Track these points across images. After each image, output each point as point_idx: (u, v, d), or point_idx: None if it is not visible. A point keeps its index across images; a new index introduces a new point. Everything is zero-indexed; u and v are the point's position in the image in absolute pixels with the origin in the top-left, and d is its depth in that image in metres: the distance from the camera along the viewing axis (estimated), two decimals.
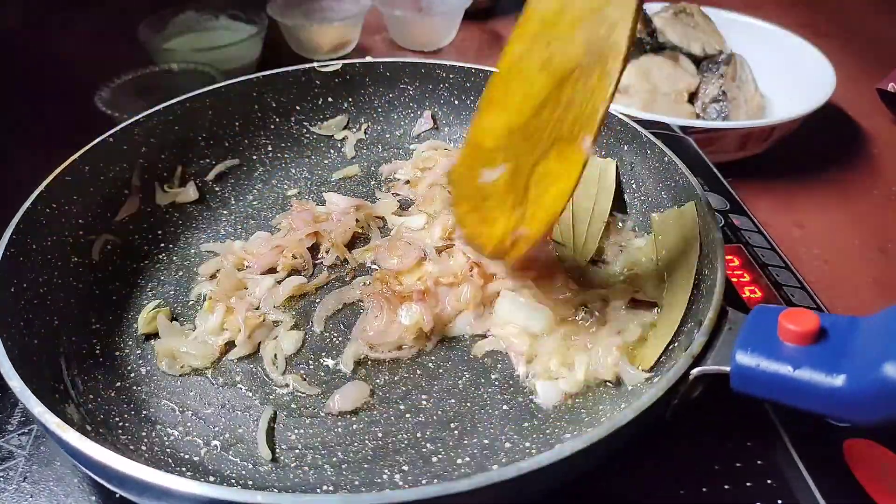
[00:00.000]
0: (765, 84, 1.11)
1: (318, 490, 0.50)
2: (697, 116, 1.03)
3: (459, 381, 0.59)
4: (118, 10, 1.14)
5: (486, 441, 0.54)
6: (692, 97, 1.06)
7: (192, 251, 0.72)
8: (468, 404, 0.57)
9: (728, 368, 0.46)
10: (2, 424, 0.57)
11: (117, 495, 0.50)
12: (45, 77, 1.06)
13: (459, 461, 0.53)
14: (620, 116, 0.75)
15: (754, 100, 1.06)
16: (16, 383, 0.46)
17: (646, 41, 1.10)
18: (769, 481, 0.52)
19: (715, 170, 0.86)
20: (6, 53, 1.03)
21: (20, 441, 0.55)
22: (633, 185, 0.74)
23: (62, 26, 1.10)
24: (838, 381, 0.41)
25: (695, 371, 0.47)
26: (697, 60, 1.11)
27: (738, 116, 1.01)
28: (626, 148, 0.74)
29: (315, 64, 0.85)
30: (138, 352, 0.61)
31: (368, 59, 0.87)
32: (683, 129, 0.92)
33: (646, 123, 0.77)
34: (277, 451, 0.53)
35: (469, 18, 1.35)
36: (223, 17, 1.22)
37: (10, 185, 0.67)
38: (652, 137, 0.71)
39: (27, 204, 0.61)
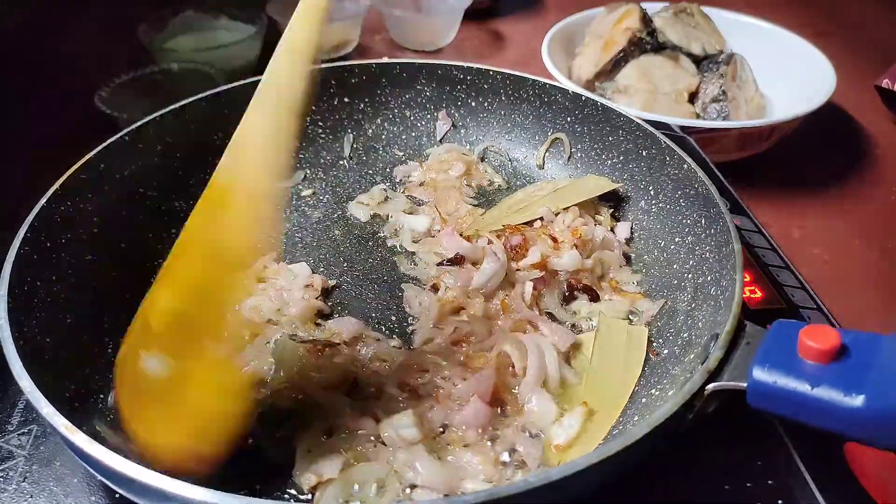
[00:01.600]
0: (765, 84, 1.11)
1: None
2: (697, 116, 1.03)
3: None
4: (118, 10, 1.13)
5: None
6: (692, 97, 1.06)
7: None
8: None
9: (745, 384, 0.45)
10: (2, 424, 0.56)
11: (117, 495, 0.50)
12: (45, 77, 1.05)
13: None
14: (639, 122, 0.74)
15: (754, 100, 1.07)
16: (26, 383, 0.45)
17: (646, 41, 1.10)
18: (769, 481, 0.53)
19: (715, 170, 0.86)
20: (6, 53, 1.02)
21: (20, 441, 0.55)
22: (651, 192, 0.74)
23: (62, 26, 1.10)
24: (857, 401, 0.40)
25: (710, 386, 0.46)
26: (697, 60, 1.11)
27: (738, 116, 1.01)
28: (644, 154, 0.74)
29: (332, 65, 0.84)
30: None
31: (385, 59, 0.85)
32: (683, 129, 0.93)
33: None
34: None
35: (469, 18, 1.34)
36: (223, 17, 1.21)
37: (10, 185, 0.66)
38: (671, 144, 0.70)
39: (42, 202, 0.60)
